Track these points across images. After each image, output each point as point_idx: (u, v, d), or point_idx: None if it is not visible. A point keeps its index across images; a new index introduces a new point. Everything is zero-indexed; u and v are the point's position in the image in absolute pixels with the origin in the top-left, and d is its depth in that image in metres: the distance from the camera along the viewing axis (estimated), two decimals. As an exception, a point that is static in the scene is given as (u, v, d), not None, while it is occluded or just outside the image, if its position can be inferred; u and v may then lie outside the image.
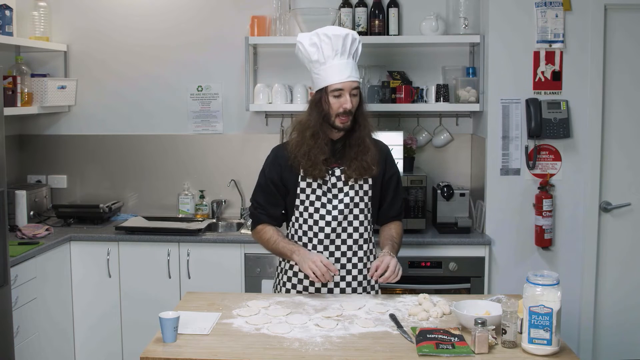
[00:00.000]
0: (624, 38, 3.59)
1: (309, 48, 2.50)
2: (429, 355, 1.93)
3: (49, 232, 3.64)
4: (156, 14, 4.16)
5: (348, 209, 2.54)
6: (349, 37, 2.48)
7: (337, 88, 2.45)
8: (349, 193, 2.55)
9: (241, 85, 4.03)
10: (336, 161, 2.55)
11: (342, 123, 2.48)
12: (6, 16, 3.67)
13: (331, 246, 2.55)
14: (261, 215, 2.64)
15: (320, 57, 2.47)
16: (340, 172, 2.55)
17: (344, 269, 2.56)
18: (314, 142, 2.49)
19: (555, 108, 3.54)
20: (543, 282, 1.93)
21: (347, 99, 2.45)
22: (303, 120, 2.55)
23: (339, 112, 2.46)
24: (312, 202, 2.56)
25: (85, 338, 3.73)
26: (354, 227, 2.56)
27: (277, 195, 2.61)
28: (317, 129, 2.49)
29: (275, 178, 2.59)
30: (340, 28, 2.53)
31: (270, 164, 2.63)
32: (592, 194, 3.61)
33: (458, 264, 3.53)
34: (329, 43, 2.46)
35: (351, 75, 2.46)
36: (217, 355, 1.96)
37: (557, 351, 1.95)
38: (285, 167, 2.57)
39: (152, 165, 4.24)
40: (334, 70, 2.45)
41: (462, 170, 4.09)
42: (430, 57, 4.03)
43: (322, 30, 2.49)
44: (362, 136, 2.53)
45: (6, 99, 3.47)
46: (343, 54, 2.47)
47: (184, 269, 3.66)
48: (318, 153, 2.49)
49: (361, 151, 2.52)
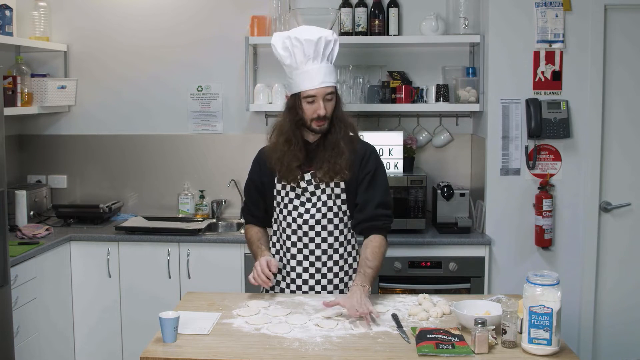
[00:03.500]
0: (624, 38, 3.58)
1: (282, 52, 2.44)
2: (429, 355, 1.93)
3: (49, 232, 3.64)
4: (156, 14, 4.16)
5: (320, 213, 2.51)
6: (321, 40, 2.39)
7: (310, 95, 2.41)
8: (321, 197, 2.52)
9: (241, 85, 4.03)
10: (310, 164, 2.51)
11: (319, 126, 2.45)
12: (6, 16, 3.67)
13: (305, 249, 2.53)
14: (247, 215, 2.71)
15: (292, 62, 2.42)
16: (310, 176, 2.51)
17: (319, 272, 2.53)
18: (287, 147, 2.46)
19: (555, 108, 3.54)
20: (543, 282, 1.94)
21: (321, 105, 2.41)
22: (278, 123, 2.53)
23: (313, 117, 2.43)
24: (286, 204, 2.55)
25: (85, 338, 3.73)
26: (328, 231, 2.52)
27: (258, 197, 2.63)
28: (290, 134, 2.46)
29: (255, 178, 2.63)
30: (313, 30, 2.42)
31: (253, 164, 2.66)
32: (592, 194, 3.61)
33: (458, 264, 3.53)
34: (301, 48, 2.39)
35: (324, 81, 2.40)
36: (217, 355, 1.96)
37: (557, 351, 1.95)
38: (264, 168, 2.58)
39: (152, 165, 4.24)
40: (306, 76, 2.40)
41: (462, 170, 4.09)
42: (430, 57, 4.03)
43: (294, 33, 2.42)
44: (337, 139, 2.46)
45: (6, 99, 3.47)
46: (316, 59, 2.40)
47: (184, 269, 3.66)
48: (291, 159, 2.46)
49: (334, 154, 2.45)
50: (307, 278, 2.54)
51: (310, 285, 2.54)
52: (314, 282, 2.54)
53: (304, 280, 2.54)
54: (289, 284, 2.57)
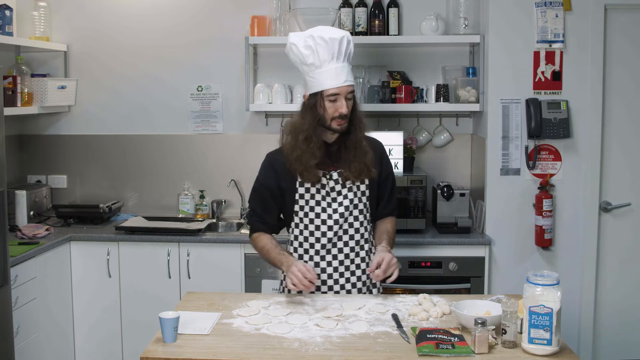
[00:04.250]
0: (624, 38, 3.59)
1: (304, 51, 2.45)
2: (429, 355, 1.93)
3: (49, 232, 3.64)
4: (156, 14, 4.16)
5: (348, 211, 2.53)
6: (344, 40, 2.44)
7: (333, 93, 2.42)
8: (348, 195, 2.54)
9: (241, 85, 4.03)
10: (332, 164, 2.53)
11: (339, 125, 2.46)
12: (6, 16, 3.67)
13: (333, 249, 2.54)
14: (257, 223, 2.63)
15: (315, 60, 2.43)
16: (337, 175, 2.53)
17: (348, 270, 2.55)
18: (306, 146, 2.46)
19: (555, 108, 3.54)
20: (543, 282, 1.93)
21: (343, 103, 2.43)
22: (296, 123, 2.52)
23: (335, 116, 2.44)
24: (312, 207, 2.54)
25: (85, 338, 3.73)
26: (354, 228, 2.55)
27: (272, 202, 2.60)
28: (310, 133, 2.46)
29: (270, 184, 2.57)
30: (334, 29, 2.47)
31: (265, 170, 2.60)
32: (592, 194, 3.61)
33: (458, 264, 3.53)
34: (325, 47, 2.41)
35: (347, 79, 2.44)
36: (217, 355, 1.96)
37: (557, 351, 1.95)
38: (282, 173, 2.54)
39: (152, 165, 4.24)
40: (330, 75, 2.42)
41: (462, 170, 4.09)
42: (430, 57, 4.03)
43: (316, 32, 2.44)
44: (359, 138, 2.51)
45: (6, 99, 3.47)
46: (339, 58, 2.43)
47: (184, 269, 3.66)
48: (309, 157, 2.46)
49: (359, 153, 2.50)
50: (338, 277, 2.55)
51: (341, 284, 2.55)
52: (344, 280, 2.55)
53: (335, 280, 2.55)
54: (319, 286, 2.56)
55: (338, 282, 2.55)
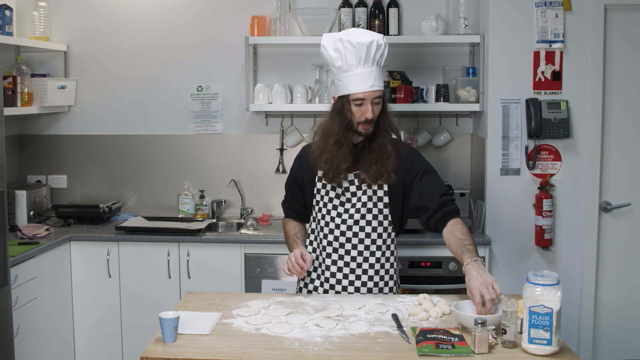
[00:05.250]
0: (623, 38, 3.59)
1: (332, 54, 2.46)
2: (429, 355, 1.93)
3: (49, 232, 3.64)
4: (156, 14, 4.16)
5: (359, 214, 2.53)
6: (373, 44, 2.42)
7: (358, 97, 2.43)
8: (362, 198, 2.53)
9: (241, 85, 4.03)
10: (352, 165, 2.52)
11: (365, 129, 2.47)
12: (6, 16, 3.67)
13: (341, 249, 2.55)
14: (287, 209, 2.77)
15: (343, 64, 2.43)
16: (353, 177, 2.53)
17: (353, 273, 2.54)
18: (337, 150, 2.47)
19: (555, 108, 3.54)
20: (543, 282, 1.93)
21: (369, 108, 2.43)
22: (326, 125, 2.53)
23: (361, 120, 2.45)
24: (325, 203, 2.58)
25: (85, 338, 3.73)
26: (365, 232, 2.53)
27: (298, 193, 2.68)
28: (340, 137, 2.47)
29: (296, 175, 2.68)
30: (365, 34, 2.45)
31: (296, 161, 2.72)
32: (592, 194, 3.61)
33: (458, 264, 3.53)
34: (353, 51, 2.41)
35: (374, 84, 2.42)
36: (217, 355, 1.96)
37: (557, 351, 1.95)
38: (306, 167, 2.62)
39: (152, 165, 4.24)
40: (356, 79, 2.42)
41: (462, 170, 4.09)
42: (430, 57, 4.03)
43: (346, 36, 2.43)
44: (385, 142, 2.49)
45: (6, 99, 3.47)
46: (367, 63, 2.42)
47: (183, 269, 3.66)
48: (341, 161, 2.47)
49: (382, 157, 2.48)
50: (341, 278, 2.54)
51: (343, 285, 2.54)
52: (347, 282, 2.54)
53: (338, 280, 2.55)
54: (322, 283, 2.57)
55: (341, 283, 2.55)
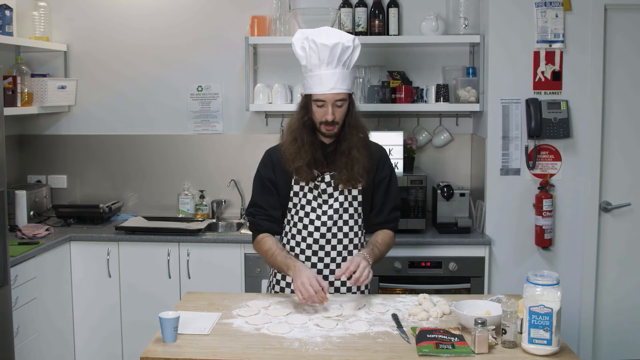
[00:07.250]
0: (623, 38, 3.59)
1: (299, 52, 2.44)
2: (429, 355, 1.93)
3: (49, 232, 3.64)
4: (156, 14, 4.16)
5: (337, 214, 2.51)
6: (338, 46, 2.36)
7: (319, 99, 2.40)
8: (339, 198, 2.52)
9: (241, 85, 4.04)
10: (327, 166, 2.51)
11: (327, 130, 2.44)
12: (6, 16, 3.67)
13: (320, 251, 2.52)
14: (262, 221, 2.54)
15: (307, 63, 2.42)
16: (330, 178, 2.51)
17: (327, 268, 2.53)
18: (292, 146, 2.45)
19: (555, 108, 3.54)
20: (543, 282, 1.94)
21: (329, 110, 2.39)
22: (289, 121, 2.54)
23: (322, 120, 2.43)
24: (303, 206, 2.53)
25: (85, 338, 3.73)
26: (343, 232, 2.53)
27: (276, 195, 2.55)
28: (296, 133, 2.46)
29: (270, 176, 2.54)
30: (333, 35, 2.40)
31: (264, 165, 2.58)
32: (592, 194, 3.61)
33: (458, 264, 3.53)
34: (316, 51, 2.37)
35: (335, 87, 2.38)
36: (217, 355, 1.96)
37: (557, 351, 1.95)
38: (278, 169, 2.52)
39: (152, 165, 4.24)
40: (318, 80, 2.39)
41: (462, 170, 4.09)
42: (430, 57, 4.03)
43: (312, 35, 2.40)
44: (350, 147, 2.45)
45: (6, 99, 3.47)
46: (330, 64, 2.38)
47: (184, 269, 3.66)
48: (295, 158, 2.44)
49: (349, 162, 2.45)
50: None
51: None
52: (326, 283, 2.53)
53: None
54: None
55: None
